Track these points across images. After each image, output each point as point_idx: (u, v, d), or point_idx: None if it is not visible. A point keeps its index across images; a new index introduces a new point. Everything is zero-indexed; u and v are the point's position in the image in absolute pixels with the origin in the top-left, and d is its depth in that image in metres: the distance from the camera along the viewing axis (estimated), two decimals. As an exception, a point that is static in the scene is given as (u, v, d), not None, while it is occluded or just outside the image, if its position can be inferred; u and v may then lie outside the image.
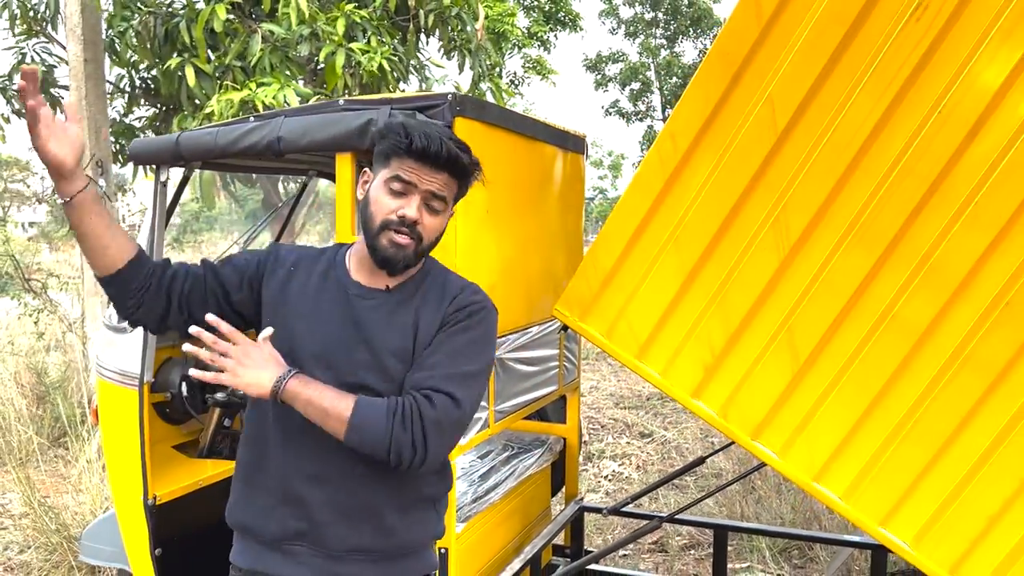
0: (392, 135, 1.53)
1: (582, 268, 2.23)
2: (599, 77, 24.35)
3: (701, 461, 3.06)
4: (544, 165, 2.99)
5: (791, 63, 1.96)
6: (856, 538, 3.01)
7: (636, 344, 2.18)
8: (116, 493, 2.99)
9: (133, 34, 6.13)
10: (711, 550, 3.37)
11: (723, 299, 2.08)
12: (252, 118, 2.56)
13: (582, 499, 3.42)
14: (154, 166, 2.81)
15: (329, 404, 1.49)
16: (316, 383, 1.51)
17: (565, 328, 2.35)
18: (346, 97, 2.57)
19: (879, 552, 2.86)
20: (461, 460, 3.16)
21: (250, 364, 1.47)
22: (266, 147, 2.47)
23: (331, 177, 3.41)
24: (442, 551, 2.46)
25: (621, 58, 24.07)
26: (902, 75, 1.88)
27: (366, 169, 1.63)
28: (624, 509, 3.25)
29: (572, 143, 3.21)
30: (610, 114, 24.95)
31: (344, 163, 2.36)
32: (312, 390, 1.49)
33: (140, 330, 2.81)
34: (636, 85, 24.18)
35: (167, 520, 2.83)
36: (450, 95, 2.30)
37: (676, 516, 2.92)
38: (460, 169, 1.58)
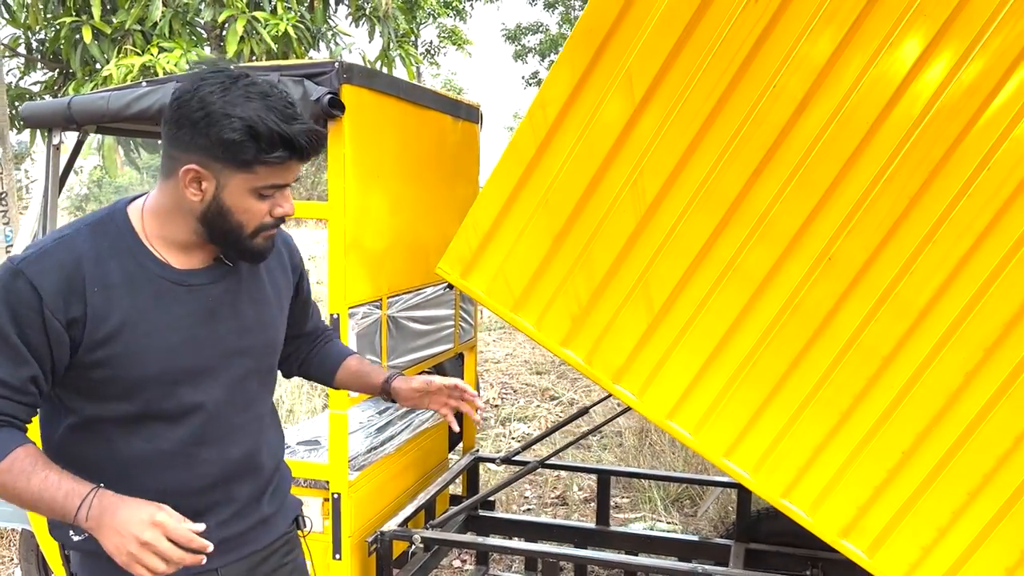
0: (264, 145, 1.33)
1: (463, 229, 2.39)
2: (518, 48, 24.38)
3: (585, 411, 3.29)
4: (435, 133, 3.13)
5: (646, 40, 2.15)
6: (724, 479, 3.29)
7: (512, 299, 2.36)
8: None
9: (27, -6, 5.96)
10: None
11: (588, 256, 2.27)
12: (144, 83, 2.62)
13: (478, 451, 3.61)
14: (46, 129, 2.84)
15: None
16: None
17: (450, 286, 2.51)
18: (236, 64, 2.65)
19: (744, 492, 3.14)
20: (359, 414, 3.31)
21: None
22: (157, 112, 2.54)
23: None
24: (335, 496, 2.62)
25: (541, 29, 24.14)
26: (742, 53, 2.09)
27: (194, 168, 1.36)
28: (517, 458, 3.46)
29: (465, 112, 3.36)
30: (530, 85, 24.99)
31: (235, 128, 2.45)
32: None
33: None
34: (555, 56, 24.26)
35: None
36: (337, 63, 2.42)
37: (549, 462, 3.14)
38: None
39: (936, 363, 2.05)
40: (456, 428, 1.84)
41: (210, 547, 1.31)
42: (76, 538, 1.34)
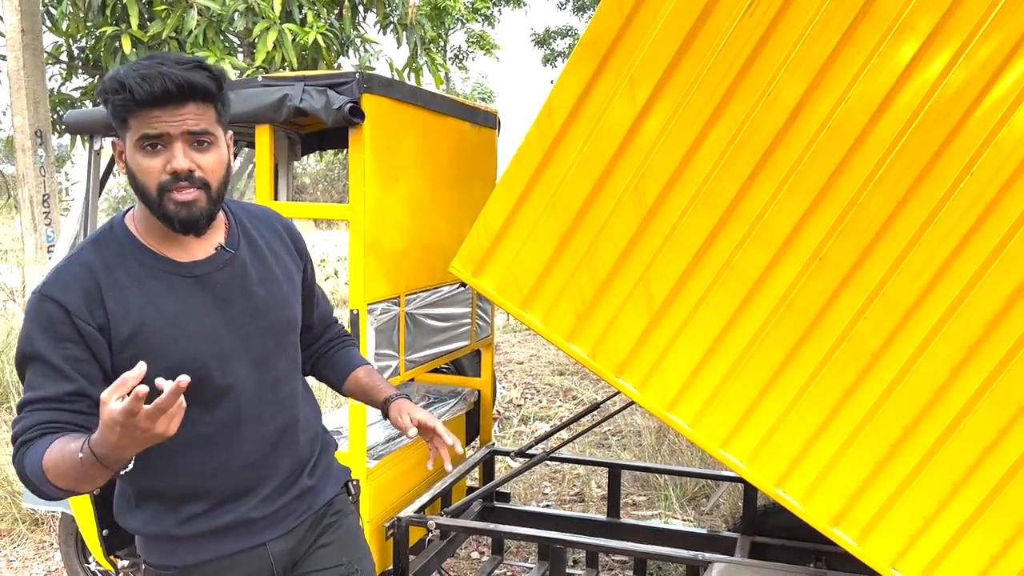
0: (111, 95, 1.36)
1: (474, 230, 2.52)
2: (547, 52, 24.54)
3: (596, 407, 3.41)
4: (453, 138, 3.27)
5: (648, 51, 2.27)
6: (732, 474, 3.38)
7: (521, 296, 2.49)
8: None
9: (68, 3, 6.20)
10: (623, 496, 3.73)
11: (592, 256, 2.40)
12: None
13: (494, 444, 3.74)
14: (88, 136, 3.02)
15: None
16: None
17: (463, 284, 2.65)
18: (264, 74, 2.81)
19: (750, 487, 3.24)
20: (379, 408, 3.45)
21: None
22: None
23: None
24: (354, 482, 2.76)
25: (570, 33, 24.28)
26: (738, 63, 2.20)
27: (115, 141, 1.46)
28: (529, 452, 3.59)
29: (483, 118, 3.50)
30: (559, 89, 25.09)
31: (262, 134, 2.63)
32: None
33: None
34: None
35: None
36: (358, 73, 2.57)
37: (559, 454, 3.24)
38: (203, 91, 1.39)
39: (922, 359, 2.14)
40: (430, 467, 1.83)
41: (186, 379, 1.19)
42: (123, 471, 1.31)
